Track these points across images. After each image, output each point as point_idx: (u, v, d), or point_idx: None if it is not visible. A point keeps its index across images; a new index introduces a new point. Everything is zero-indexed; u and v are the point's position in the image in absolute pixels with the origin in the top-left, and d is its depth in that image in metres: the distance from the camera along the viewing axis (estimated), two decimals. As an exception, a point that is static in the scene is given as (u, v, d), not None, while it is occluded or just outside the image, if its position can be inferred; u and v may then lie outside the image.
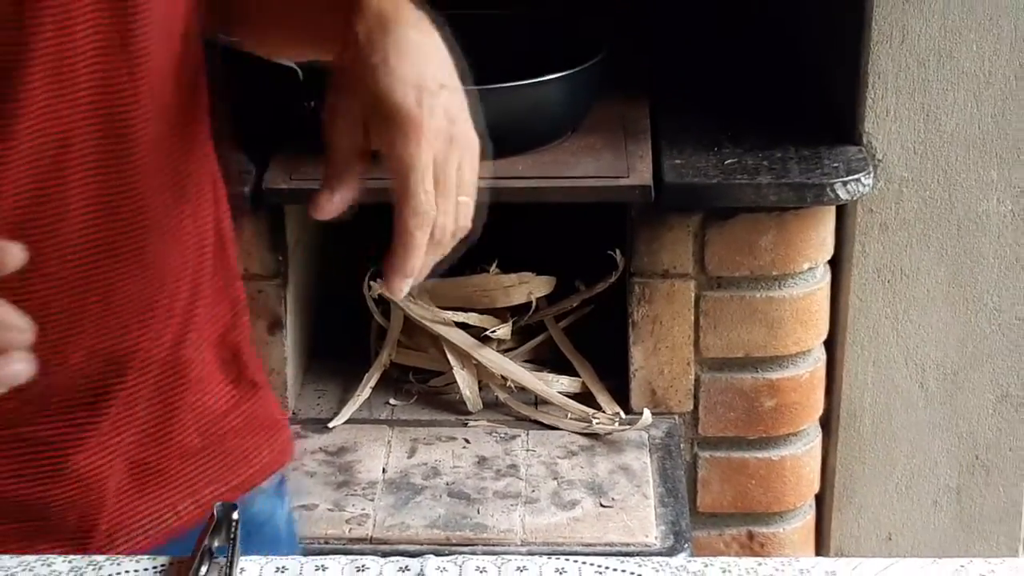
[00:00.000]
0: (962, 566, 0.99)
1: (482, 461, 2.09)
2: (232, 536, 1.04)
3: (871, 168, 2.04)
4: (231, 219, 1.32)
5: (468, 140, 0.99)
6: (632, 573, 0.99)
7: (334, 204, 0.99)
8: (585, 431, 2.12)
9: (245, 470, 1.29)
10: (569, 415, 2.14)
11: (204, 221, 1.28)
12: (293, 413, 2.16)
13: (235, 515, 1.05)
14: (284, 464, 1.36)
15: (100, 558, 1.07)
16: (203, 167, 1.26)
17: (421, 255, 0.94)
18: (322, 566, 1.02)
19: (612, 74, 2.15)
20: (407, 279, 0.95)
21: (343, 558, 1.04)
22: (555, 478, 2.05)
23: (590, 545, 1.92)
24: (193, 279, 1.25)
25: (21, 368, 0.87)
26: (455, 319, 2.19)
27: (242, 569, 1.02)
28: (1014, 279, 2.14)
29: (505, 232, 2.03)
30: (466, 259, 2.04)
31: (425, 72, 0.97)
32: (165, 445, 1.22)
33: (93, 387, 1.17)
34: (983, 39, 2.03)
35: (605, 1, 2.24)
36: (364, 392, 2.21)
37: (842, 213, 2.11)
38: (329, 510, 1.97)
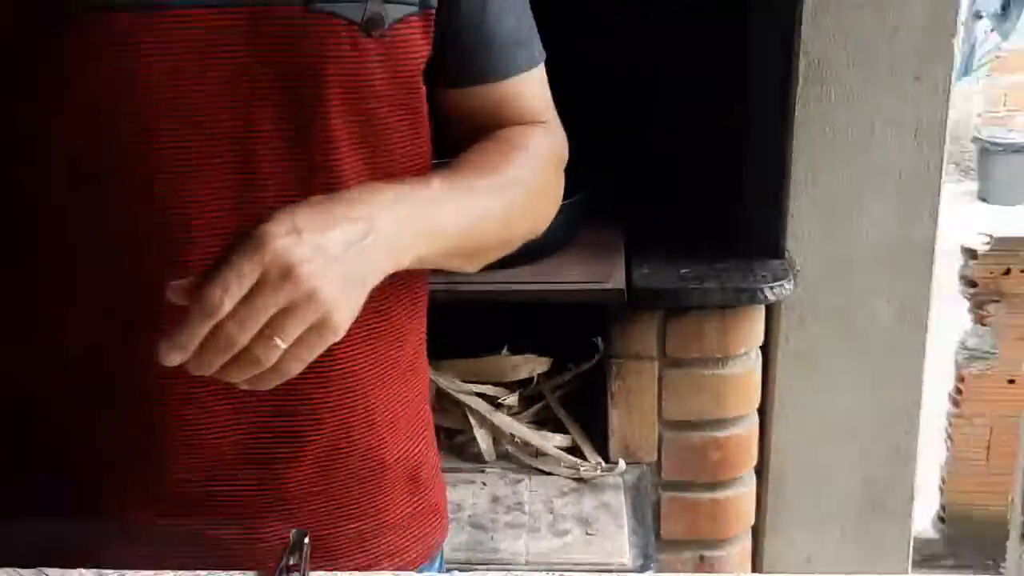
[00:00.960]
0: None
1: (495, 499, 2.18)
2: (304, 556, 1.05)
3: (791, 276, 2.14)
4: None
5: (323, 305, 0.91)
6: None
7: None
8: (574, 476, 2.22)
9: (419, 547, 1.29)
10: (562, 464, 2.23)
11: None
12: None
13: (306, 540, 1.06)
14: (443, 539, 1.36)
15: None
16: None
17: (191, 335, 0.87)
18: None
19: (595, 205, 2.20)
20: (174, 350, 0.88)
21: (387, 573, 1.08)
22: (551, 512, 2.13)
23: (578, 564, 2.01)
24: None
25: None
26: (475, 390, 2.25)
27: None
28: (898, 360, 2.21)
29: (514, 322, 2.24)
30: (484, 343, 2.29)
31: (335, 234, 0.93)
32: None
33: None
34: (878, 184, 2.14)
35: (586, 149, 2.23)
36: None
37: (770, 310, 2.19)
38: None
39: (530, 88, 1.24)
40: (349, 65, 1.07)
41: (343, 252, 0.93)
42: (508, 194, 1.15)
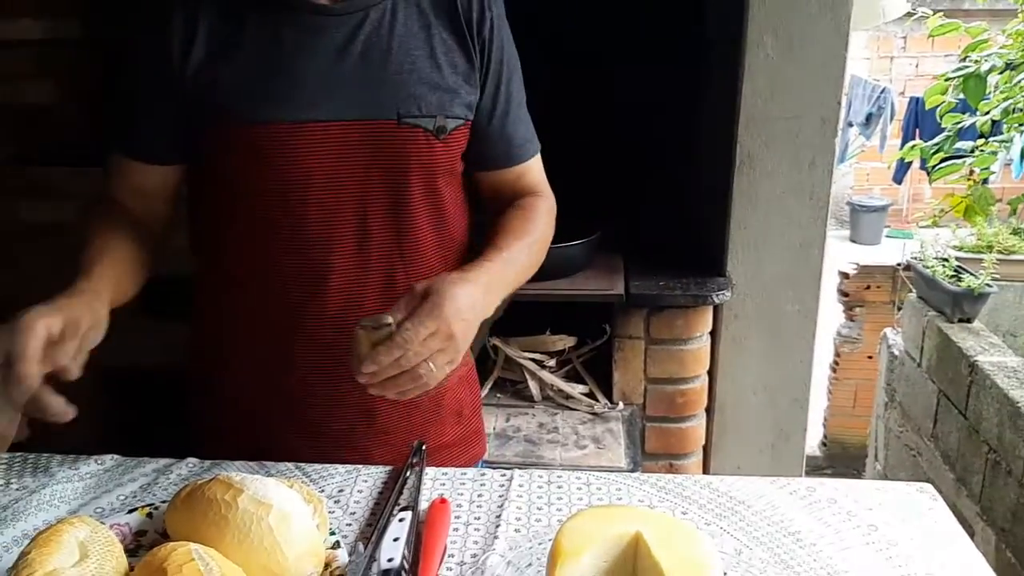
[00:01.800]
0: (772, 481, 1.03)
1: (541, 425, 2.16)
2: (423, 456, 1.06)
3: (730, 288, 2.12)
4: None
5: (461, 348, 0.93)
6: (613, 481, 1.04)
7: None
8: (590, 412, 2.20)
9: (465, 458, 1.28)
10: (583, 404, 2.21)
11: None
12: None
13: (424, 447, 1.07)
14: (482, 453, 1.34)
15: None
16: None
17: (387, 357, 0.88)
18: (463, 472, 1.06)
19: (605, 241, 2.21)
20: (370, 366, 0.88)
21: (471, 470, 1.07)
22: (576, 434, 2.12)
23: (593, 467, 2.00)
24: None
25: None
26: (529, 356, 2.23)
27: (427, 472, 1.05)
28: (797, 342, 2.17)
29: (554, 314, 2.22)
30: (535, 327, 2.29)
31: (472, 307, 0.94)
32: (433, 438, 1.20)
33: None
34: (785, 230, 2.10)
35: (600, 206, 2.18)
36: (484, 390, 2.23)
37: (716, 309, 2.16)
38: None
39: (535, 167, 1.23)
40: (425, 159, 1.08)
41: (472, 316, 0.95)
42: (533, 248, 1.14)
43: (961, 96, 2.77)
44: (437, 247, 1.14)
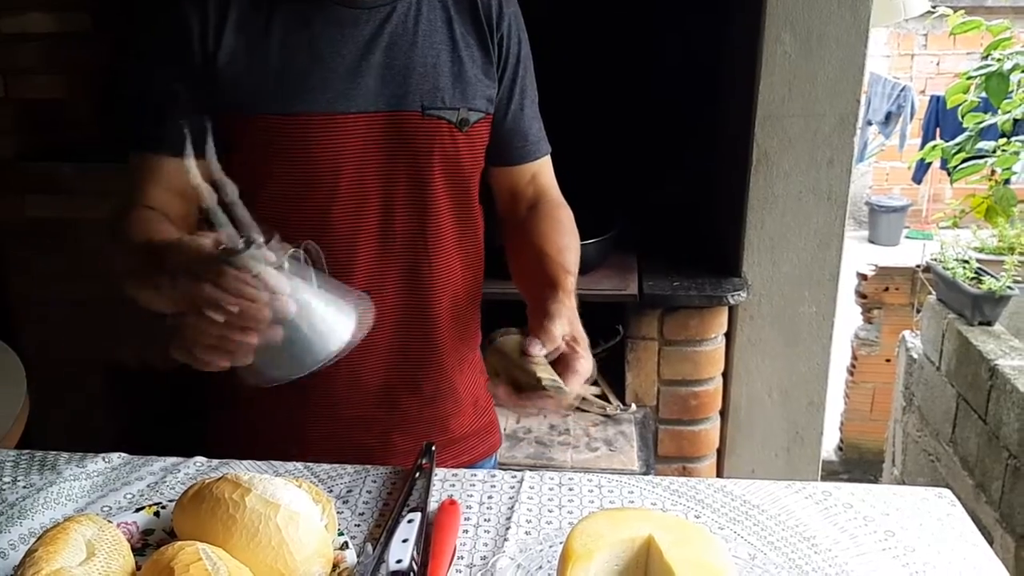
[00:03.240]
0: (788, 485, 1.03)
1: (552, 426, 2.17)
2: (432, 456, 1.05)
3: (745, 288, 2.12)
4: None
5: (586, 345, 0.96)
6: (625, 483, 1.04)
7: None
8: (602, 413, 2.20)
9: (480, 450, 1.30)
10: (595, 405, 2.21)
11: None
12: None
13: (433, 447, 1.07)
14: (498, 445, 1.35)
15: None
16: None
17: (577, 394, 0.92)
18: (472, 473, 1.05)
19: (618, 241, 2.21)
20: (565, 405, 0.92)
21: (481, 471, 1.06)
22: (587, 435, 2.13)
23: (604, 469, 1.99)
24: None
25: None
26: None
27: (436, 473, 1.04)
28: (814, 345, 2.16)
29: None
30: None
31: (574, 325, 0.97)
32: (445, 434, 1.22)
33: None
34: (803, 230, 2.10)
35: (614, 206, 2.22)
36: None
37: (731, 310, 2.16)
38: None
39: (547, 167, 1.25)
40: (449, 152, 1.10)
41: (580, 331, 0.97)
42: (575, 251, 1.14)
43: (983, 95, 2.74)
44: (459, 241, 1.16)
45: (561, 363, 0.90)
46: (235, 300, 0.74)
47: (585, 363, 0.91)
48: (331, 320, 0.79)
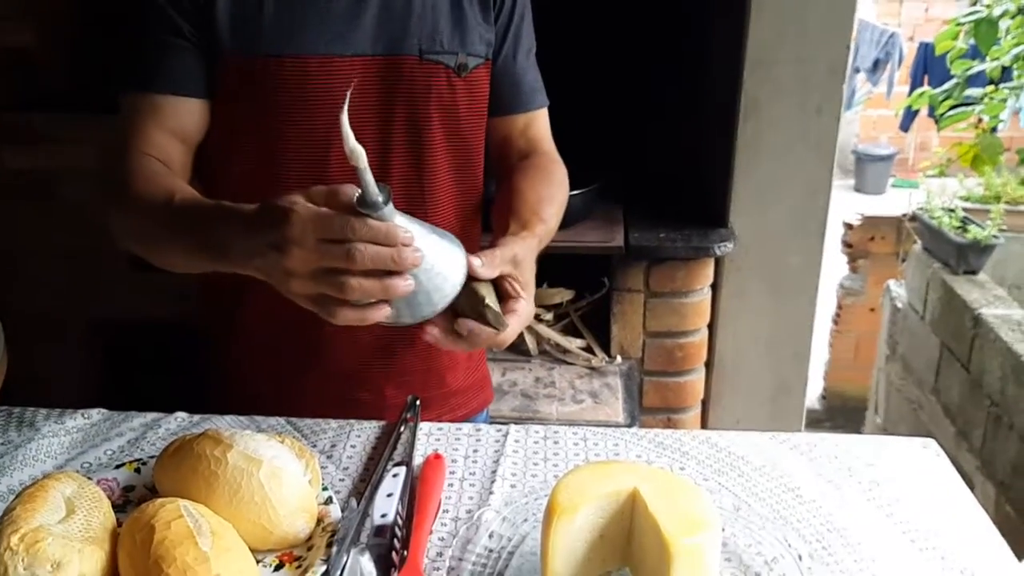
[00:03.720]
0: (772, 436, 1.03)
1: (538, 379, 2.17)
2: (416, 411, 1.06)
3: (732, 239, 2.11)
4: None
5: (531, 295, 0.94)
6: (610, 436, 1.04)
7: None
8: (588, 366, 2.20)
9: (474, 404, 1.31)
10: (580, 358, 2.21)
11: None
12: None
13: (418, 402, 1.07)
14: (490, 399, 1.37)
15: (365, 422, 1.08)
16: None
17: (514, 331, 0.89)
18: (458, 427, 1.05)
19: (604, 191, 2.20)
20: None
21: (466, 425, 1.06)
22: (572, 388, 2.13)
23: (590, 422, 1.99)
24: None
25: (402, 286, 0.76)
26: None
27: (421, 427, 1.05)
28: (799, 295, 2.17)
29: (551, 266, 2.10)
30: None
31: (531, 271, 0.95)
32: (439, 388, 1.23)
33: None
34: (790, 180, 2.08)
35: (600, 155, 2.15)
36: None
37: (718, 261, 2.15)
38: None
39: (543, 120, 1.23)
40: (446, 97, 1.09)
41: (530, 278, 0.95)
42: (558, 205, 1.14)
43: (972, 42, 2.72)
44: (456, 190, 1.15)
45: (502, 300, 0.88)
46: (389, 251, 0.75)
47: (526, 306, 0.90)
48: (449, 260, 0.81)
